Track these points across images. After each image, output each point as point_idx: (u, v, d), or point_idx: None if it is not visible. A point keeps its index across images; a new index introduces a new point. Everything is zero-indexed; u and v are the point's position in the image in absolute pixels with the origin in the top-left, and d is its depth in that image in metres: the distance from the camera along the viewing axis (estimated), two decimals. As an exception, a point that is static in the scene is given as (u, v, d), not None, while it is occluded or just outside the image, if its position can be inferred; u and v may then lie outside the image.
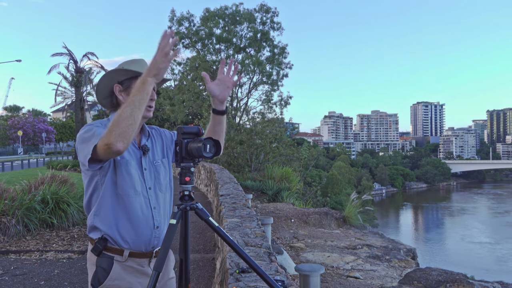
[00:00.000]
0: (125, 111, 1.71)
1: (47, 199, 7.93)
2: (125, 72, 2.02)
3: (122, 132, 1.69)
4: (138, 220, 1.95)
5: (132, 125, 1.71)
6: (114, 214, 1.94)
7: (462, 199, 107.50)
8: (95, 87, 2.13)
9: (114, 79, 2.04)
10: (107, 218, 1.95)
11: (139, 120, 1.75)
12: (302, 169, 24.29)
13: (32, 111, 74.69)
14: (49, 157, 48.86)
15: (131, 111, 1.71)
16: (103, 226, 1.95)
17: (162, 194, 2.07)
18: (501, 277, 12.88)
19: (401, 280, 5.96)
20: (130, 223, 1.95)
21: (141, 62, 2.05)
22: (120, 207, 1.94)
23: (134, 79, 1.98)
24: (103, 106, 2.14)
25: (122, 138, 1.69)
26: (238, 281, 2.63)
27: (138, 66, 2.01)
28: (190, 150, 1.78)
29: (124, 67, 2.03)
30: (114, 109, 2.07)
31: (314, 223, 10.85)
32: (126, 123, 1.70)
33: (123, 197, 1.92)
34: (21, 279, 5.36)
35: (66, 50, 36.55)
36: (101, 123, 2.00)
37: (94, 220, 1.97)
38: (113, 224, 1.94)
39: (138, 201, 1.96)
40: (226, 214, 5.01)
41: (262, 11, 35.01)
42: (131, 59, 2.09)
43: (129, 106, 1.72)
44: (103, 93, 2.07)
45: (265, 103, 34.92)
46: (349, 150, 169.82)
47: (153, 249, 2.01)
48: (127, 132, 1.70)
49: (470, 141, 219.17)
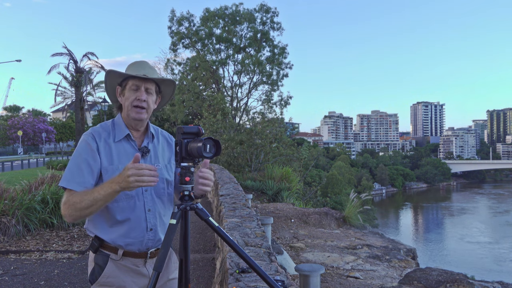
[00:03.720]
0: (84, 202, 1.82)
1: (47, 199, 7.93)
2: (115, 74, 2.04)
3: (74, 216, 1.86)
4: (128, 223, 1.96)
5: (86, 215, 1.87)
6: (105, 218, 1.97)
7: (462, 199, 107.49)
8: (105, 91, 2.16)
9: (113, 81, 2.07)
10: (98, 222, 1.99)
11: (96, 212, 1.87)
12: (302, 169, 24.29)
13: (32, 111, 74.68)
14: (49, 157, 48.81)
15: (90, 205, 1.82)
16: (95, 230, 2.00)
17: (159, 198, 2.06)
18: (501, 277, 12.88)
19: (401, 280, 5.96)
20: (120, 226, 1.96)
21: (139, 64, 2.05)
22: (110, 211, 1.95)
23: (129, 80, 2.00)
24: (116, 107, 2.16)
25: (72, 219, 1.89)
26: (238, 281, 2.63)
27: (133, 69, 2.02)
28: (190, 150, 1.78)
29: (126, 70, 2.06)
30: (119, 110, 2.10)
31: (314, 223, 10.85)
32: (80, 213, 1.84)
33: (113, 202, 1.92)
34: (21, 279, 5.35)
35: (66, 50, 36.64)
36: (101, 127, 2.04)
37: (88, 224, 2.03)
38: (105, 227, 1.97)
39: (129, 205, 1.96)
40: (226, 214, 5.01)
41: (262, 11, 35.00)
42: (134, 61, 2.10)
43: (90, 200, 1.81)
44: (112, 95, 2.11)
45: (265, 103, 34.93)
46: (349, 150, 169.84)
47: (147, 250, 2.02)
48: (78, 217, 1.88)
49: (470, 141, 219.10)
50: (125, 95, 2.02)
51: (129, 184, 1.73)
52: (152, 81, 2.03)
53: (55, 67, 36.99)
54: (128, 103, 2.00)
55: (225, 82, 36.03)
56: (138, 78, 1.99)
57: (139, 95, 1.98)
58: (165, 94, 2.15)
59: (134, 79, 1.99)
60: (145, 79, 2.00)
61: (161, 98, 2.14)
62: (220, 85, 35.36)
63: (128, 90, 2.01)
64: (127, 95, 2.01)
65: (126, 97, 2.01)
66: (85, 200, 1.81)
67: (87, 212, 1.84)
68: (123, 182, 1.75)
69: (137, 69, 2.01)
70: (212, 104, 29.48)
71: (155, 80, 2.04)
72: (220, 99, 28.86)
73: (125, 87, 2.02)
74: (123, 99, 2.04)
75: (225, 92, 35.23)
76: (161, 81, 2.08)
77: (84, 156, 1.93)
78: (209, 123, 23.18)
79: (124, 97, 2.03)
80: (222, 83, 35.70)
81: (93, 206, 1.82)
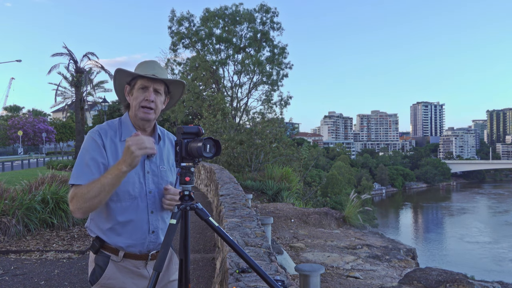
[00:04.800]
0: (93, 191, 1.80)
1: (47, 199, 7.93)
2: (124, 73, 2.03)
3: (83, 208, 1.83)
4: (130, 225, 1.95)
5: (95, 205, 1.83)
6: (107, 218, 1.96)
7: (462, 199, 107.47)
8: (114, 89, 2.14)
9: (122, 80, 2.05)
10: (100, 222, 1.98)
11: (105, 199, 1.84)
12: (302, 169, 24.28)
13: (32, 111, 74.66)
14: (49, 157, 48.85)
15: (98, 192, 1.80)
16: (97, 230, 1.99)
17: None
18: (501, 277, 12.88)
19: (401, 280, 5.96)
20: (122, 228, 1.95)
21: (149, 64, 2.04)
22: (112, 212, 1.94)
23: (138, 79, 1.99)
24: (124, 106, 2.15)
25: (81, 213, 1.85)
26: (238, 281, 2.63)
27: (142, 69, 2.01)
28: (190, 150, 1.78)
29: (135, 69, 2.05)
30: (127, 109, 2.08)
31: (314, 223, 10.85)
32: (89, 203, 1.81)
33: (116, 202, 1.92)
34: (21, 279, 5.36)
35: (66, 50, 36.57)
36: (108, 125, 2.03)
37: (90, 224, 2.02)
38: (106, 229, 1.96)
39: (132, 206, 1.95)
40: (226, 214, 5.01)
41: (262, 11, 35.03)
42: (144, 60, 2.09)
43: (98, 187, 1.79)
44: (121, 94, 2.10)
45: (265, 103, 34.94)
46: (349, 150, 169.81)
47: (148, 252, 2.01)
48: (88, 209, 1.84)
49: (470, 141, 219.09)
50: (134, 94, 2.00)
51: (132, 154, 1.75)
52: (162, 81, 2.01)
53: (55, 67, 36.94)
54: (136, 103, 1.99)
55: (225, 82, 36.10)
56: (147, 78, 1.97)
57: (147, 95, 1.97)
58: (174, 95, 2.13)
59: (143, 79, 1.97)
60: (154, 79, 1.98)
61: (169, 99, 2.12)
62: (220, 85, 35.37)
63: (136, 90, 1.99)
64: (136, 94, 1.99)
65: (135, 97, 2.00)
66: (92, 189, 1.80)
67: (96, 202, 1.81)
68: (127, 157, 1.76)
69: (146, 69, 2.00)
70: (212, 104, 29.47)
71: (164, 80, 2.02)
72: (220, 99, 28.86)
73: (133, 87, 2.00)
74: (131, 99, 2.02)
75: (225, 92, 35.25)
76: (170, 81, 2.06)
77: (92, 153, 1.92)
78: (209, 123, 23.18)
79: (132, 97, 2.01)
80: (222, 83, 35.71)
81: (101, 194, 1.80)
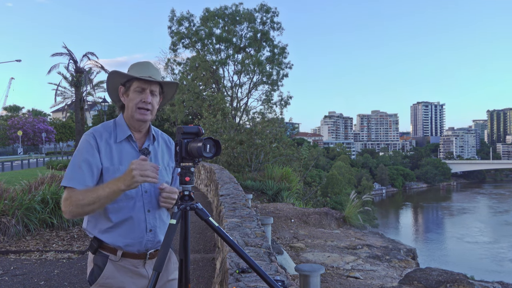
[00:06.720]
0: (87, 199, 1.82)
1: (47, 199, 7.92)
2: (120, 75, 2.03)
3: (74, 212, 1.86)
4: (128, 224, 1.96)
5: (87, 212, 1.87)
6: (104, 219, 1.97)
7: (462, 199, 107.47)
8: (107, 90, 2.15)
9: (116, 81, 2.05)
10: (98, 223, 1.98)
11: (98, 210, 1.88)
12: (302, 169, 24.28)
13: (32, 111, 74.67)
14: (49, 157, 48.82)
15: (92, 202, 1.82)
16: (94, 231, 1.99)
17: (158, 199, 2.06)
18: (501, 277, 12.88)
19: (401, 280, 5.96)
20: (119, 227, 1.96)
21: (143, 66, 2.04)
22: (109, 212, 1.95)
23: (134, 81, 1.99)
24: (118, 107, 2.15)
25: (71, 216, 1.88)
26: (238, 281, 2.63)
27: (137, 70, 2.01)
28: (190, 150, 1.78)
29: (129, 69, 2.05)
30: (122, 110, 2.09)
31: (314, 223, 10.85)
32: (81, 209, 1.85)
33: (112, 203, 1.92)
34: (21, 279, 5.35)
35: (66, 50, 36.65)
36: (103, 127, 2.03)
37: (87, 225, 2.03)
38: (104, 228, 1.97)
39: (128, 206, 1.96)
40: (226, 214, 5.01)
41: (262, 11, 35.02)
42: (137, 62, 2.09)
43: (94, 198, 1.82)
44: (114, 95, 2.10)
45: (265, 103, 34.93)
46: (349, 150, 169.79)
47: (146, 251, 2.01)
48: (79, 214, 1.88)
49: (470, 141, 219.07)
50: (129, 96, 2.01)
51: (133, 179, 1.76)
52: (157, 83, 2.02)
53: (55, 67, 37.03)
54: (132, 104, 1.99)
55: (225, 82, 36.09)
56: (144, 80, 1.98)
57: (144, 97, 1.98)
58: (167, 94, 2.15)
59: (139, 81, 1.98)
60: (151, 81, 1.99)
61: (162, 98, 2.14)
62: (220, 85, 35.37)
63: (132, 92, 1.99)
64: (132, 96, 1.99)
65: (131, 98, 2.00)
66: (88, 197, 1.82)
67: (89, 209, 1.85)
68: (128, 178, 1.77)
69: (141, 70, 2.00)
70: (212, 104, 29.47)
71: (160, 82, 2.04)
72: (220, 99, 28.86)
73: (129, 88, 2.01)
74: (126, 100, 2.03)
75: (225, 92, 35.25)
76: (165, 83, 2.07)
77: (85, 155, 1.93)
78: (209, 123, 23.18)
79: (128, 98, 2.02)
80: (222, 83, 35.71)
81: (96, 204, 1.83)
